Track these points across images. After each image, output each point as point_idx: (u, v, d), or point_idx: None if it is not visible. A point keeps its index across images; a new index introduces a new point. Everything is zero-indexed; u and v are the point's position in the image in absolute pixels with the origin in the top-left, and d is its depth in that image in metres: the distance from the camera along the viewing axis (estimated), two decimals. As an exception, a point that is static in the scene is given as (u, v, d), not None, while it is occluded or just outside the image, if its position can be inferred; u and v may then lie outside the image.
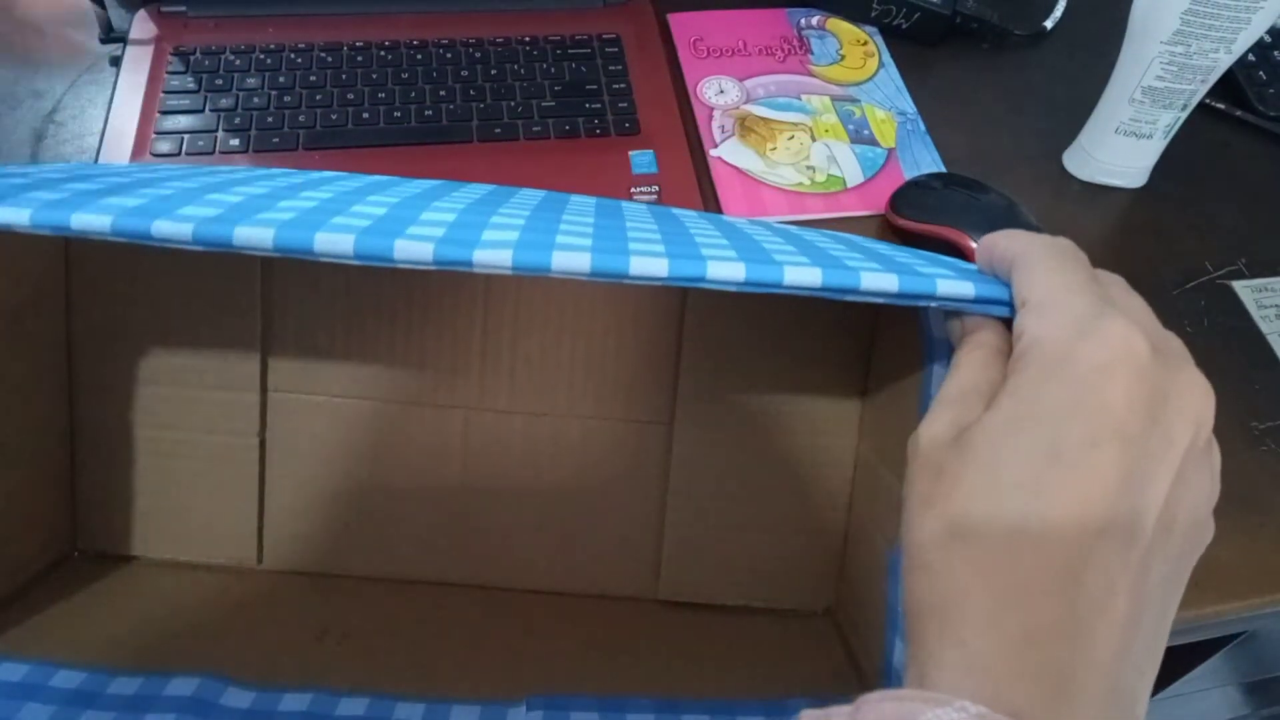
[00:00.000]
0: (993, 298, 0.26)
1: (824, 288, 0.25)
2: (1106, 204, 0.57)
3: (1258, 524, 0.44)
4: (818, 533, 0.43)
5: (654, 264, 0.24)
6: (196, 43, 0.57)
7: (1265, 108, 0.61)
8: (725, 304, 0.42)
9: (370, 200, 0.27)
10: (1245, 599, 0.42)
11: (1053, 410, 0.21)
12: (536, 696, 0.34)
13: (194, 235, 0.22)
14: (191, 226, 0.22)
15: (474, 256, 0.23)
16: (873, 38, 0.64)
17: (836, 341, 0.42)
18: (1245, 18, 0.48)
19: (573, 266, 0.23)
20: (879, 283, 0.25)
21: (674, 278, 0.24)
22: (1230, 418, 0.48)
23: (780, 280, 0.25)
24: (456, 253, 0.23)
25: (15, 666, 0.32)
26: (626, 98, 0.57)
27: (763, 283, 0.24)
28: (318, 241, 0.23)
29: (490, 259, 0.23)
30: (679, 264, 0.24)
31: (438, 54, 0.58)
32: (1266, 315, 0.52)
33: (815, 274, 0.25)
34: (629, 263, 0.24)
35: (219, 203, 0.25)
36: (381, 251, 0.23)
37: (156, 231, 0.22)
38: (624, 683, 0.36)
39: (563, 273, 0.23)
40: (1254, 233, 0.56)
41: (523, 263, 0.23)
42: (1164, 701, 0.64)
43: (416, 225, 0.24)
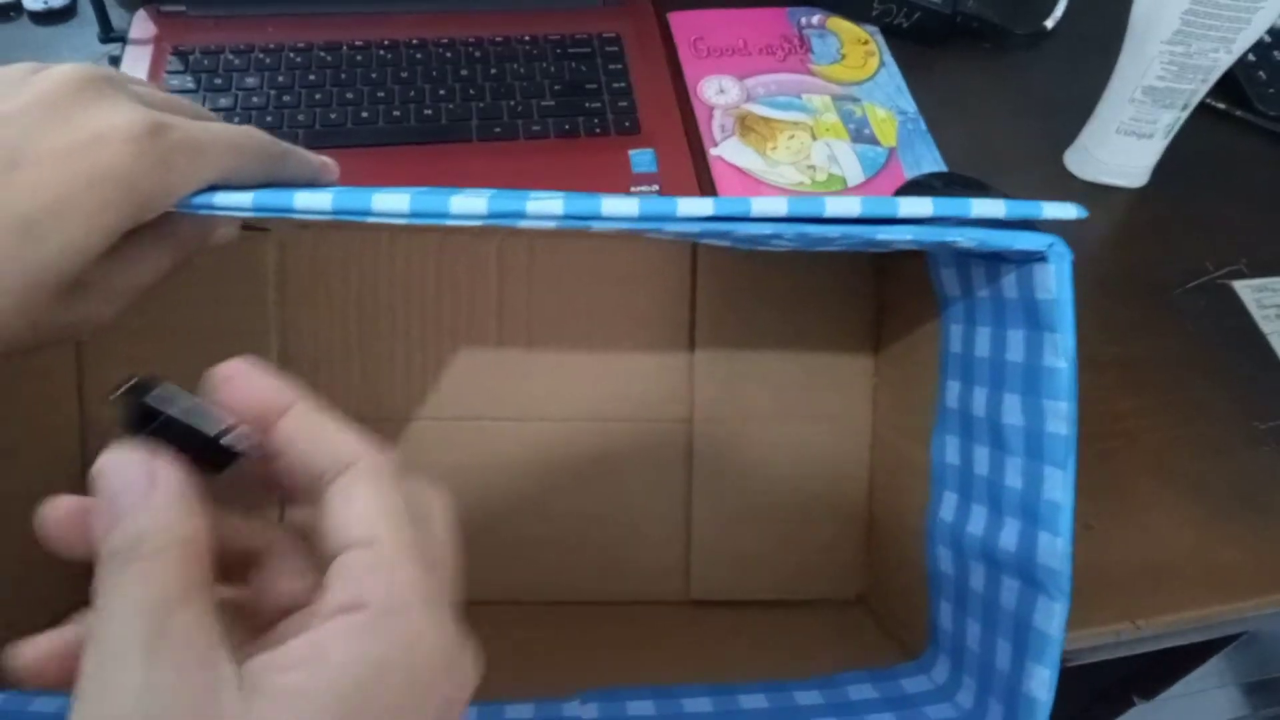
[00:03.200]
0: (1024, 217, 0.26)
1: (863, 216, 0.26)
2: (1107, 204, 0.57)
3: (1259, 524, 0.44)
4: (843, 519, 0.43)
5: (625, 204, 0.24)
6: (196, 42, 0.57)
7: (1265, 107, 0.61)
8: (736, 299, 0.42)
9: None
10: (1246, 599, 0.42)
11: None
12: (590, 690, 0.34)
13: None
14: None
15: (450, 204, 0.24)
16: (874, 37, 0.64)
17: (844, 325, 0.43)
18: (1245, 18, 0.48)
19: (546, 210, 0.24)
20: (915, 207, 0.26)
21: (645, 215, 0.25)
22: (1231, 418, 0.48)
23: (822, 210, 0.25)
24: (433, 203, 0.24)
25: (50, 700, 0.32)
26: (626, 97, 0.57)
27: (803, 216, 0.25)
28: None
29: (466, 205, 0.24)
30: (650, 203, 0.25)
31: (437, 53, 0.58)
32: (1267, 315, 0.52)
33: (855, 202, 0.25)
34: (600, 204, 0.24)
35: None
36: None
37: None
38: (673, 675, 0.36)
39: (537, 216, 0.24)
40: (1255, 232, 0.56)
41: (497, 209, 0.24)
42: (1164, 701, 0.64)
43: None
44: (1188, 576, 0.42)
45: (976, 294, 0.34)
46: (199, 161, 0.24)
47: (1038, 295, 0.30)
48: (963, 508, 0.35)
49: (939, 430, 0.37)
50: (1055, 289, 0.29)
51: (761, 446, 0.43)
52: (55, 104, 0.23)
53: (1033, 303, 0.30)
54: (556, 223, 0.25)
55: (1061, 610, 0.29)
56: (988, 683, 0.32)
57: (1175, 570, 0.42)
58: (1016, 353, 0.32)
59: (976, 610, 0.33)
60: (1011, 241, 0.28)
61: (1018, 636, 0.31)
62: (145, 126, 0.23)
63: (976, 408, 0.34)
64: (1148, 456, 0.46)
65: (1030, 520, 0.31)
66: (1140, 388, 0.49)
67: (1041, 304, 0.30)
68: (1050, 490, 0.30)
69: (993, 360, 0.33)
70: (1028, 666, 0.30)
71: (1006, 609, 0.32)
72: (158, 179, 0.23)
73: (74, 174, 0.22)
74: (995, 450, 0.33)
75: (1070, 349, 0.29)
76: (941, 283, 0.36)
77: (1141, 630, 0.41)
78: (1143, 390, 0.48)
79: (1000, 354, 0.33)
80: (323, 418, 0.20)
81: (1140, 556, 0.43)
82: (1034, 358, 0.31)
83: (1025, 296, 0.31)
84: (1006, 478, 0.32)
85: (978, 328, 0.34)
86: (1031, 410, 0.31)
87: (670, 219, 0.25)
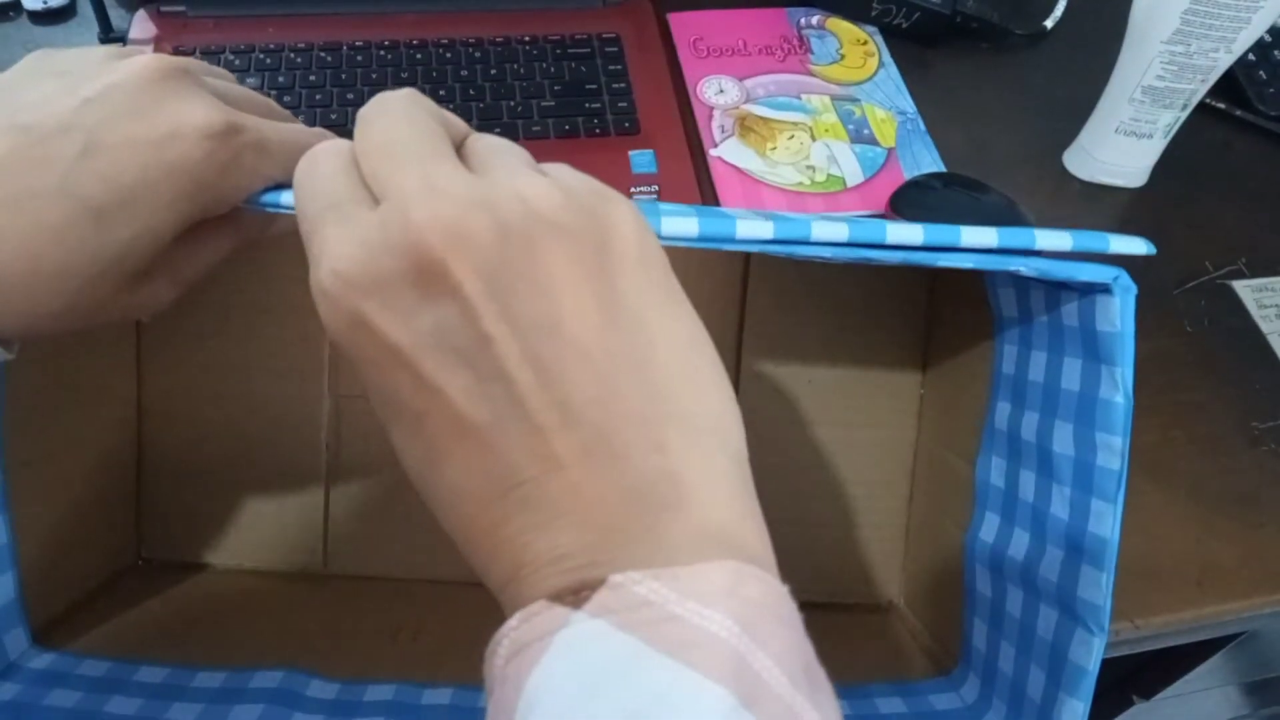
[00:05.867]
0: (1090, 250, 0.27)
1: (925, 245, 0.26)
2: (1107, 203, 0.57)
3: (1258, 524, 0.44)
4: (880, 525, 0.43)
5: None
6: (196, 42, 0.57)
7: (1265, 107, 0.61)
8: (782, 302, 0.42)
9: None
10: (1245, 599, 0.42)
11: None
12: None
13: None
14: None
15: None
16: (873, 37, 0.64)
17: (894, 336, 0.43)
18: (1245, 17, 0.48)
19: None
20: (978, 237, 0.26)
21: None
22: (1229, 418, 0.48)
23: (883, 238, 0.25)
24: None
25: (97, 663, 0.33)
26: (626, 97, 0.57)
27: (865, 242, 0.25)
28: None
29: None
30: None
31: (437, 53, 0.58)
32: (1266, 315, 0.52)
33: (917, 231, 0.26)
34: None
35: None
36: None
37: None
38: None
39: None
40: (1254, 232, 0.56)
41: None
42: (1164, 701, 0.64)
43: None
44: (1185, 576, 0.42)
45: (1035, 318, 0.34)
46: (268, 161, 0.25)
47: (1099, 326, 0.30)
48: (1005, 530, 0.35)
49: (985, 450, 0.37)
50: (1119, 322, 0.29)
51: (804, 450, 0.43)
52: (134, 94, 0.23)
53: (1093, 333, 0.30)
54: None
55: (1099, 645, 0.29)
56: (1018, 708, 0.32)
57: (1173, 570, 0.42)
58: (1072, 381, 0.32)
59: (1012, 634, 0.33)
60: (1075, 273, 0.28)
61: (1052, 666, 0.30)
62: (221, 125, 0.23)
63: (1026, 432, 0.34)
64: (1146, 456, 0.46)
65: (1074, 552, 0.31)
66: (1139, 387, 0.48)
67: (1102, 335, 0.30)
68: (1097, 524, 0.30)
69: (1046, 386, 0.33)
70: (1060, 698, 0.29)
71: (1043, 638, 0.31)
72: (228, 177, 0.24)
73: (147, 166, 0.22)
74: (1042, 477, 0.33)
75: (1129, 384, 0.29)
76: (999, 302, 0.36)
77: (1141, 630, 0.41)
78: (1141, 390, 0.48)
79: (1055, 381, 0.32)
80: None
81: (1138, 556, 0.43)
82: (1090, 388, 0.31)
83: (1085, 326, 0.31)
84: (1053, 506, 0.32)
85: (1033, 351, 0.34)
86: (1083, 441, 0.31)
87: (730, 240, 0.25)
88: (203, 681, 0.33)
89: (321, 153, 0.21)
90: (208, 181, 0.23)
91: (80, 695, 0.31)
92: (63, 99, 0.22)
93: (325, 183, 0.20)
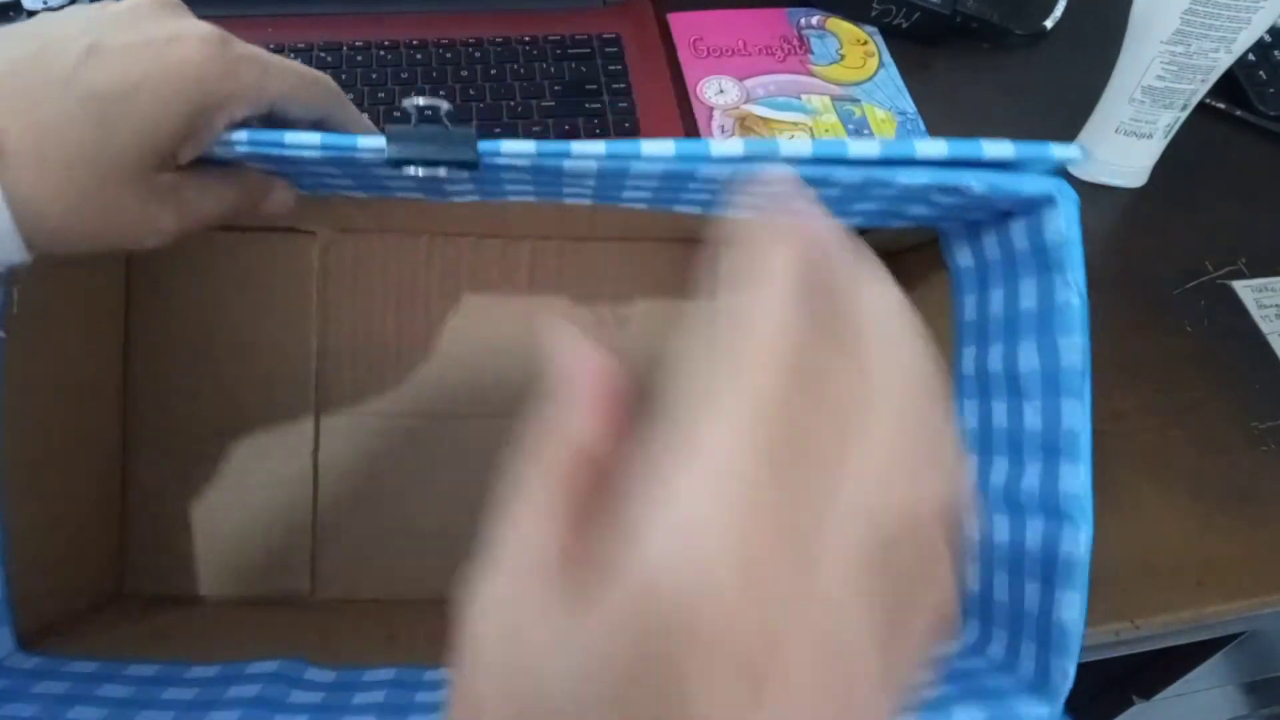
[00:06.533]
0: (1033, 156, 0.29)
1: (882, 158, 0.28)
2: (1107, 203, 0.57)
3: (1258, 523, 0.44)
4: None
5: (663, 146, 0.27)
6: (196, 43, 0.57)
7: (1265, 107, 0.61)
8: None
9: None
10: (1245, 599, 0.42)
11: None
12: None
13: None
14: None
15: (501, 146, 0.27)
16: (873, 37, 0.64)
17: None
18: (1245, 17, 0.48)
19: (588, 150, 0.27)
20: (930, 149, 0.28)
21: (681, 156, 0.27)
22: (1229, 417, 0.48)
23: (844, 153, 0.28)
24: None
25: (87, 663, 0.32)
26: (626, 97, 0.57)
27: (828, 157, 0.28)
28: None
29: (515, 147, 0.27)
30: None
31: (437, 54, 0.58)
32: (1267, 315, 0.52)
33: (874, 145, 0.28)
34: (640, 147, 0.27)
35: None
36: None
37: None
38: None
39: (580, 156, 0.27)
40: (1254, 232, 0.56)
41: (543, 150, 0.27)
42: (1164, 701, 0.64)
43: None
44: (1186, 576, 0.42)
45: (989, 260, 0.35)
46: (263, 75, 0.26)
47: (1047, 238, 0.31)
48: (984, 465, 0.35)
49: (955, 398, 0.37)
50: (1065, 229, 0.30)
51: None
52: (136, 13, 0.25)
53: (1042, 247, 0.32)
54: (598, 162, 0.27)
55: (1086, 535, 0.29)
56: (1019, 628, 0.32)
57: (1173, 570, 0.42)
58: (1030, 299, 0.33)
59: (1003, 561, 0.33)
60: (1020, 185, 0.30)
61: (1045, 572, 0.31)
62: (217, 35, 0.26)
63: (993, 364, 0.35)
64: (1146, 456, 0.46)
65: (1051, 454, 0.31)
66: (1139, 387, 0.49)
67: (1051, 246, 0.31)
68: (1069, 419, 0.30)
69: (1007, 315, 0.34)
70: (1056, 595, 0.30)
71: (1032, 551, 0.32)
72: (226, 80, 0.25)
73: (149, 63, 0.24)
74: (1013, 399, 0.33)
75: (1081, 283, 0.30)
76: (954, 257, 0.37)
77: (1141, 629, 0.41)
78: (1141, 390, 0.49)
79: (1014, 306, 0.33)
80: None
81: (1138, 556, 0.43)
82: (1046, 299, 0.32)
83: (1035, 242, 0.32)
84: (1026, 421, 0.33)
85: (991, 291, 0.35)
86: (1046, 349, 0.31)
87: (705, 159, 0.27)
88: (197, 673, 0.33)
89: None
90: (206, 81, 0.25)
91: (70, 684, 0.31)
92: (72, 19, 0.25)
93: None
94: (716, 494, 0.14)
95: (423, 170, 0.27)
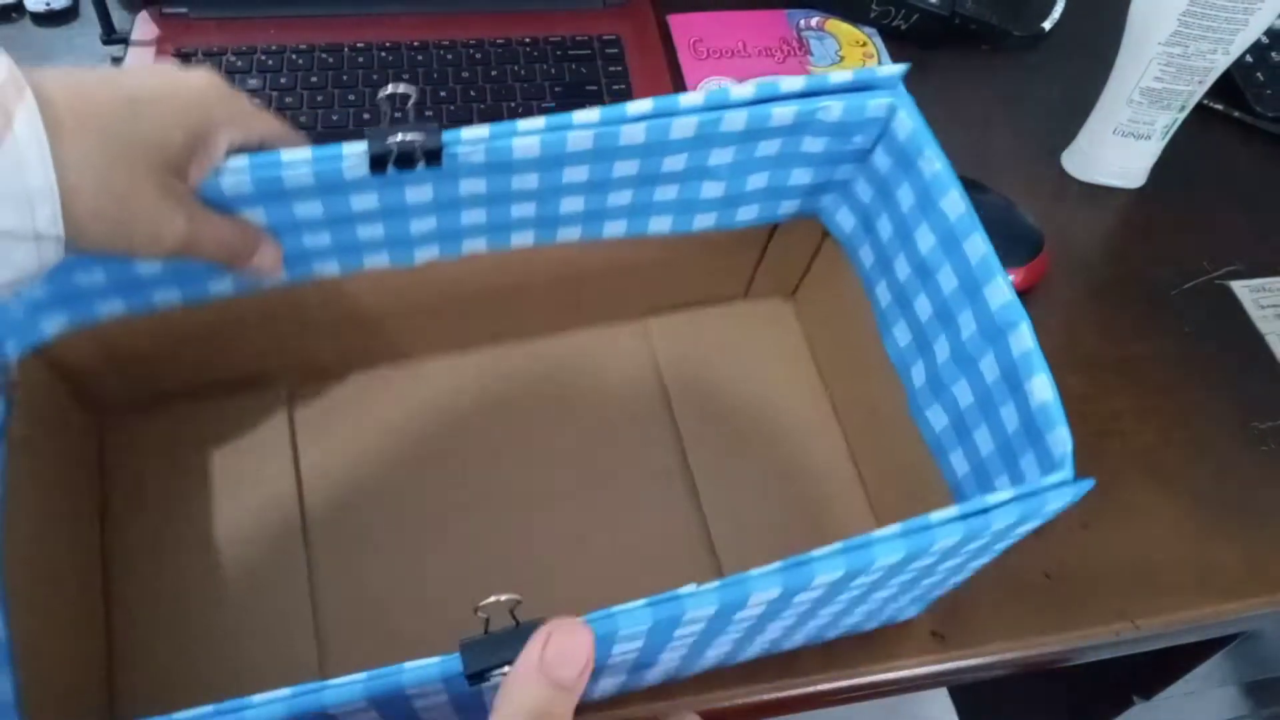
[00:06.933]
0: (867, 80, 0.34)
1: (755, 98, 0.34)
2: (1105, 205, 0.57)
3: (1258, 524, 0.44)
4: (831, 470, 0.44)
5: (589, 113, 0.33)
6: (198, 44, 0.57)
7: (1263, 109, 0.61)
8: (692, 353, 0.46)
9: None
10: (1245, 599, 0.42)
11: None
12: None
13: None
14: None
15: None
16: (872, 39, 0.64)
17: (787, 351, 0.46)
18: (1243, 19, 0.48)
19: (531, 126, 0.32)
20: (790, 84, 0.34)
21: (604, 120, 0.33)
22: (1230, 418, 0.48)
23: (727, 98, 0.33)
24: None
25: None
26: (626, 98, 0.57)
27: (717, 104, 0.33)
28: None
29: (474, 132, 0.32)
30: (608, 110, 0.33)
31: (438, 55, 0.58)
32: (1265, 315, 0.52)
33: (749, 87, 0.34)
34: (572, 116, 0.33)
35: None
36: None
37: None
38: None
39: (525, 132, 0.32)
40: (1252, 233, 0.56)
41: (495, 131, 0.32)
42: (1164, 701, 0.64)
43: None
44: (1185, 577, 0.42)
45: (866, 202, 0.38)
46: (254, 110, 0.32)
47: (901, 140, 0.35)
48: (925, 353, 0.36)
49: (884, 330, 0.39)
50: (910, 122, 0.34)
51: (762, 480, 0.43)
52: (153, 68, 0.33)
53: (900, 150, 0.35)
54: (539, 135, 0.32)
55: (1027, 327, 0.31)
56: (1011, 457, 0.32)
57: (1172, 571, 0.42)
58: (909, 199, 0.35)
59: (977, 417, 0.34)
60: (865, 102, 0.34)
61: (1010, 384, 0.31)
62: (221, 79, 0.31)
63: (902, 273, 0.37)
64: (1145, 457, 0.46)
65: (973, 292, 0.33)
66: (1137, 388, 0.49)
67: (906, 143, 0.35)
68: (974, 256, 0.32)
69: (896, 227, 0.36)
70: (1026, 391, 0.30)
71: (994, 381, 0.32)
72: (226, 103, 0.31)
73: (170, 82, 0.30)
74: (928, 282, 0.35)
75: (940, 153, 0.34)
76: (840, 228, 0.41)
77: (1141, 629, 0.41)
78: (1140, 391, 0.49)
79: (899, 216, 0.36)
80: None
81: (1137, 557, 0.43)
82: (919, 185, 0.35)
83: (894, 152, 0.36)
84: (944, 289, 0.34)
85: (878, 225, 0.38)
86: (936, 220, 0.34)
87: (622, 120, 0.33)
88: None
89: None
90: (210, 105, 0.30)
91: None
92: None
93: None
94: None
95: (397, 168, 0.31)
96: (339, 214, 0.34)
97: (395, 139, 0.31)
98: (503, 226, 0.37)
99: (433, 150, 0.32)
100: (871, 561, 0.26)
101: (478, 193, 0.35)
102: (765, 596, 0.25)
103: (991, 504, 0.27)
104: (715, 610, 0.25)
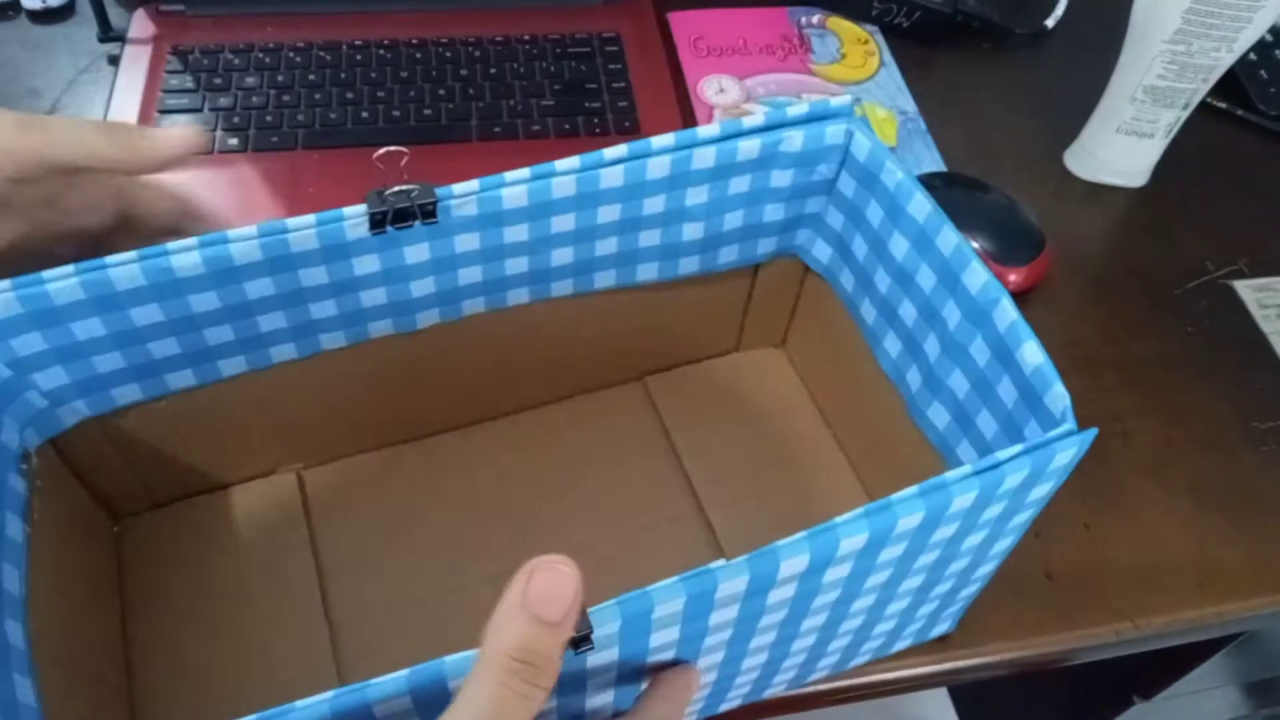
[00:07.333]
0: (820, 112, 0.36)
1: (722, 135, 0.36)
2: (1108, 203, 0.57)
3: (1258, 524, 0.44)
4: (828, 467, 0.45)
5: (570, 161, 0.36)
6: (195, 42, 0.57)
7: (1267, 107, 0.61)
8: (682, 387, 0.47)
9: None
10: (1245, 599, 0.42)
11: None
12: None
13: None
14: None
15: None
16: (874, 36, 0.64)
17: (785, 395, 0.47)
18: (1247, 17, 0.48)
19: (517, 177, 0.35)
20: (751, 121, 0.36)
21: (585, 165, 0.37)
22: (1230, 418, 0.48)
23: (695, 138, 0.35)
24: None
25: None
26: (626, 96, 0.57)
27: (687, 143, 0.35)
28: None
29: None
30: (588, 157, 0.36)
31: (437, 53, 0.58)
32: (1267, 315, 0.52)
33: (714, 127, 0.36)
34: (555, 165, 0.35)
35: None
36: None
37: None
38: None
39: (513, 182, 0.35)
40: (1255, 232, 0.56)
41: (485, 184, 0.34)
42: (1164, 701, 0.64)
43: None
44: (1186, 577, 0.42)
45: (839, 230, 0.40)
46: (45, 134, 0.34)
47: (862, 161, 0.36)
48: (918, 355, 0.37)
49: (875, 346, 0.39)
50: (868, 142, 0.36)
51: (767, 499, 0.44)
52: None
53: (864, 171, 0.37)
54: (526, 184, 0.34)
55: (1007, 300, 0.32)
56: (1016, 431, 0.32)
57: (1174, 570, 0.42)
58: (877, 215, 0.37)
59: (976, 403, 0.34)
60: (822, 131, 0.36)
61: (1003, 359, 0.32)
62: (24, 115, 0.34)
63: (883, 286, 0.37)
64: (1146, 456, 0.46)
65: (951, 284, 0.34)
66: (1139, 388, 0.49)
67: (867, 163, 0.36)
68: (946, 248, 0.33)
69: (872, 244, 0.38)
70: (1018, 360, 0.31)
71: (988, 361, 0.33)
72: (41, 132, 0.34)
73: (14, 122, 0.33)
74: (909, 286, 0.36)
75: (898, 163, 0.35)
76: (819, 262, 0.42)
77: (1141, 630, 0.41)
78: (1142, 390, 0.48)
79: (872, 233, 0.37)
80: None
81: (1139, 556, 0.43)
82: (886, 199, 0.36)
83: (858, 174, 0.37)
84: (926, 289, 0.35)
85: (853, 249, 0.39)
86: (906, 226, 0.35)
87: (600, 164, 0.36)
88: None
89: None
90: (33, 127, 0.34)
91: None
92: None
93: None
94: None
95: (395, 226, 0.33)
96: (342, 279, 0.34)
97: (391, 191, 0.32)
98: (498, 284, 0.38)
99: (428, 205, 0.33)
100: (894, 522, 0.26)
101: (472, 249, 0.35)
102: (795, 566, 0.26)
103: (1002, 459, 0.27)
104: (747, 585, 0.25)
